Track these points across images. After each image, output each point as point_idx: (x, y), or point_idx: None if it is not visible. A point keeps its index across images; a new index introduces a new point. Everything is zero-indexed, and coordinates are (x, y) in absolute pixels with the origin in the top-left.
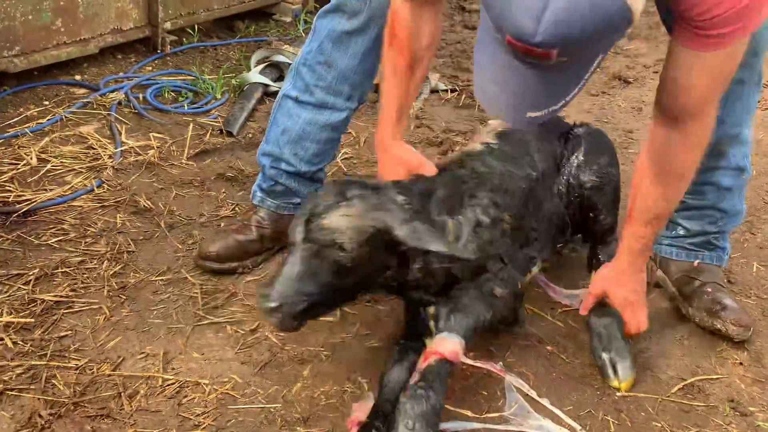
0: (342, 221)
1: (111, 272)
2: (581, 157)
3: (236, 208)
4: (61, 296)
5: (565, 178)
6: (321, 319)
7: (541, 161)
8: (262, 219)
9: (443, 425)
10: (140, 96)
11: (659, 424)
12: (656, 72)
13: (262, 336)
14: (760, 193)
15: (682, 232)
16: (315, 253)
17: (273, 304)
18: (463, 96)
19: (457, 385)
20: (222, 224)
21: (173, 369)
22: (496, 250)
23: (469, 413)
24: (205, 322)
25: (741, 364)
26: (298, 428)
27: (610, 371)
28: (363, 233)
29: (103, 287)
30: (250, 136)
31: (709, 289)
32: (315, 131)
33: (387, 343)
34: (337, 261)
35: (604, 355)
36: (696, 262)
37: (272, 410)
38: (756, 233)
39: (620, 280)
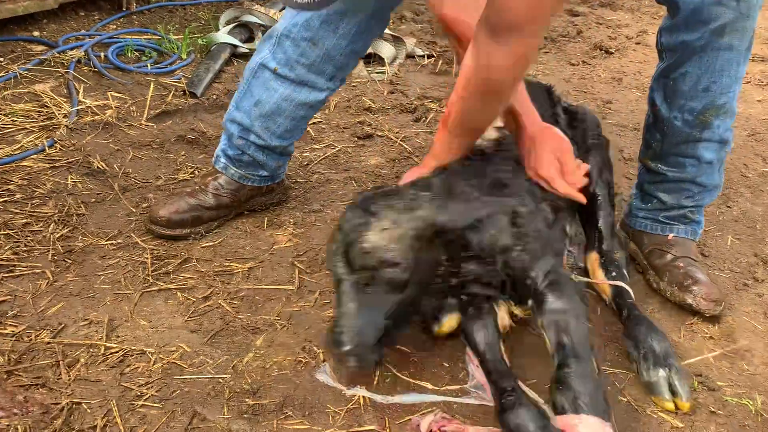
0: (382, 237)
1: (57, 235)
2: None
3: (195, 172)
4: (2, 259)
5: None
6: (279, 287)
7: None
8: (221, 186)
9: (397, 397)
10: (101, 54)
11: (625, 398)
12: (638, 43)
13: (215, 303)
14: (738, 166)
15: (657, 204)
16: (367, 280)
17: (348, 348)
18: (440, 62)
19: (420, 357)
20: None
21: (117, 337)
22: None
23: (429, 385)
24: (155, 288)
25: (711, 338)
26: (247, 400)
27: (664, 390)
28: (407, 239)
29: (48, 251)
30: (215, 97)
31: (681, 264)
32: (290, 108)
33: None
34: (392, 278)
35: (661, 372)
36: (670, 236)
37: (221, 381)
38: (732, 206)
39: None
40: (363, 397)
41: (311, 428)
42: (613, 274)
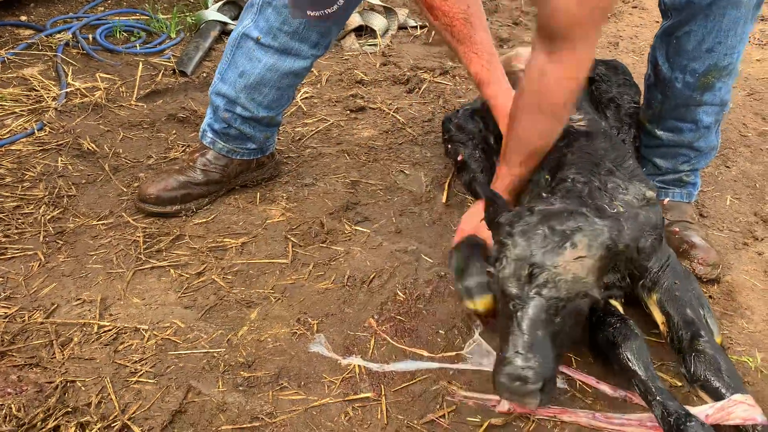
0: (582, 268)
1: (48, 217)
2: None
3: (186, 150)
4: None
5: None
6: (273, 261)
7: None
8: (209, 161)
9: (393, 365)
10: (89, 37)
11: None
12: (635, 7)
13: (209, 279)
14: (737, 125)
15: (652, 169)
16: (555, 311)
17: (535, 386)
18: (433, 33)
19: (415, 325)
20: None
21: (111, 315)
22: None
23: (425, 353)
24: (147, 266)
25: (711, 297)
26: (242, 373)
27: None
28: (597, 269)
29: (39, 232)
30: (205, 75)
31: (677, 228)
32: (275, 78)
33: (341, 287)
34: (581, 309)
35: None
36: (665, 200)
37: (215, 355)
38: (731, 166)
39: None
40: (359, 366)
41: (307, 398)
42: None
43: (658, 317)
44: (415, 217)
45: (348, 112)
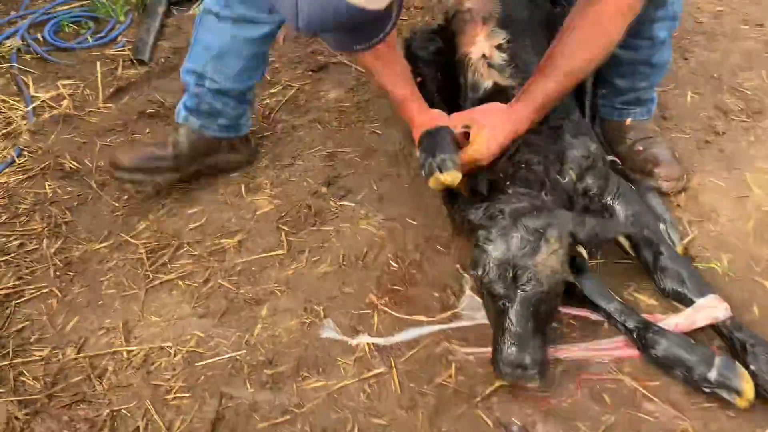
0: (557, 260)
1: (53, 250)
2: None
3: None
4: (9, 287)
5: None
6: (270, 254)
7: None
8: (179, 137)
9: (398, 336)
10: (39, 37)
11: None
12: None
13: (216, 284)
14: (691, 11)
15: (612, 91)
16: (539, 302)
17: (534, 371)
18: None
19: (412, 292)
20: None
21: (135, 338)
22: None
23: (424, 318)
24: (157, 282)
25: (678, 205)
26: (265, 371)
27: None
28: (566, 256)
29: (49, 267)
30: (164, 60)
31: (641, 147)
32: (237, 47)
33: (337, 267)
34: (559, 292)
35: (660, 225)
36: (627, 120)
37: (238, 358)
38: (689, 58)
39: (500, 112)
40: (367, 343)
41: (327, 383)
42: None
43: (624, 243)
44: (395, 179)
45: (310, 73)
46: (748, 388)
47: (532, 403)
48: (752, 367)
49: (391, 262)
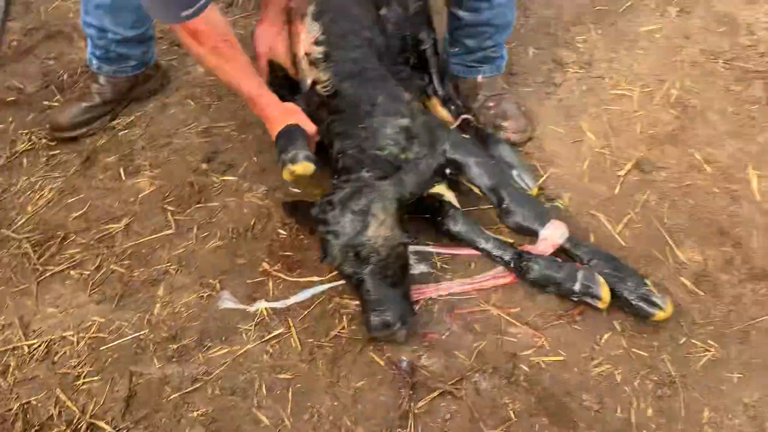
0: (386, 227)
1: None
2: None
3: (33, 137)
4: None
5: None
6: (159, 234)
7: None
8: (101, 86)
9: (293, 298)
10: None
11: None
12: None
13: (108, 270)
14: None
15: (463, 49)
16: (385, 267)
17: (399, 325)
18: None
19: (302, 256)
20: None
21: (34, 332)
22: None
23: (315, 278)
24: (47, 274)
25: (527, 154)
26: (171, 346)
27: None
28: (396, 218)
29: None
30: (16, 43)
31: (492, 103)
32: (125, 1)
33: (228, 241)
34: (401, 253)
35: (514, 171)
36: (479, 77)
37: (141, 337)
38: (530, 16)
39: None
40: (265, 308)
41: (232, 349)
42: (453, 108)
43: (475, 190)
44: (274, 151)
45: (176, 47)
46: (605, 293)
47: (416, 339)
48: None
49: (279, 230)
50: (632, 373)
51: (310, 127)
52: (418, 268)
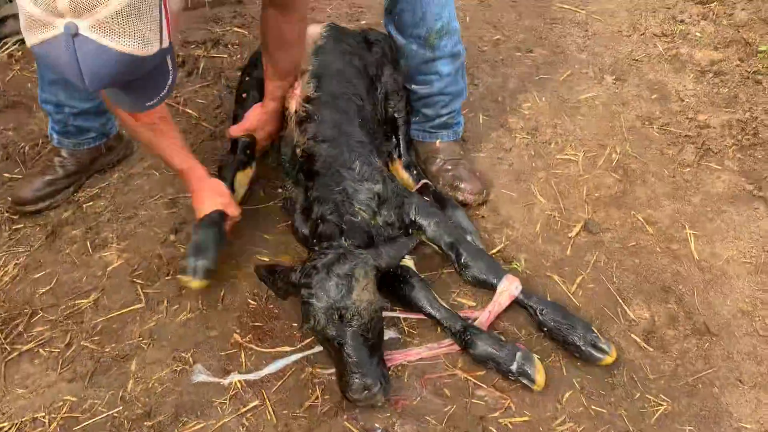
0: (368, 291)
1: None
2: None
3: None
4: None
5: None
6: (129, 309)
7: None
8: (64, 158)
9: (266, 369)
10: None
11: None
12: None
13: (79, 347)
14: (474, 41)
15: (422, 118)
16: (366, 330)
17: (378, 388)
18: None
19: (273, 326)
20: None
21: (3, 414)
22: None
23: (287, 348)
24: (15, 353)
25: (483, 217)
26: (146, 423)
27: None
28: (374, 287)
29: None
30: None
31: (449, 167)
32: None
33: (198, 313)
34: (380, 317)
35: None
36: (437, 142)
37: (115, 415)
38: (478, 84)
39: (270, 117)
40: (239, 381)
41: (207, 424)
42: (415, 173)
43: (435, 248)
44: (241, 220)
45: None
46: (539, 377)
47: (388, 406)
48: (544, 323)
49: (249, 300)
50: (593, 431)
51: (232, 211)
52: (387, 334)
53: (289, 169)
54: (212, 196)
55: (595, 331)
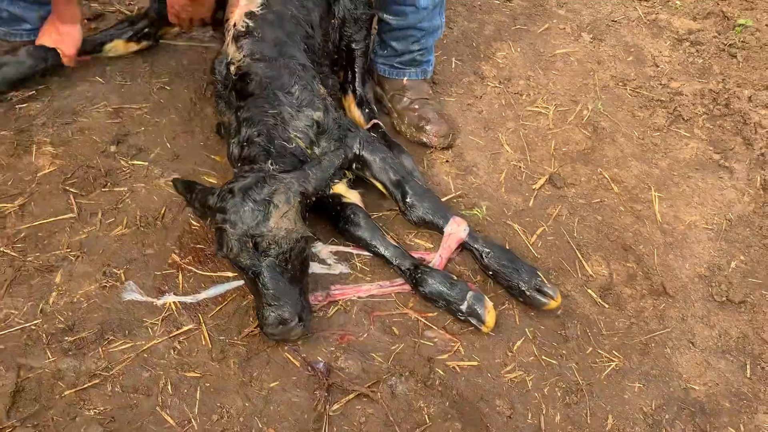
0: (288, 219)
1: None
2: None
3: None
4: None
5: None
6: (58, 218)
7: None
8: None
9: (204, 293)
10: None
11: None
12: None
13: None
14: None
15: (391, 51)
16: (285, 261)
17: (296, 322)
18: None
19: (211, 248)
20: None
21: None
22: None
23: (229, 273)
24: None
25: (447, 161)
26: (66, 338)
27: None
28: (299, 213)
29: None
30: None
31: (416, 106)
32: None
33: (135, 228)
34: (302, 248)
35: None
36: (405, 80)
37: (33, 327)
38: (453, 27)
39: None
40: (174, 302)
41: (135, 344)
42: (367, 111)
43: (379, 186)
44: (189, 138)
45: (86, 21)
46: (489, 318)
47: (333, 340)
48: (489, 267)
49: (191, 221)
50: (542, 380)
51: (67, 50)
52: (338, 269)
53: (221, 89)
54: (51, 34)
55: (541, 275)
